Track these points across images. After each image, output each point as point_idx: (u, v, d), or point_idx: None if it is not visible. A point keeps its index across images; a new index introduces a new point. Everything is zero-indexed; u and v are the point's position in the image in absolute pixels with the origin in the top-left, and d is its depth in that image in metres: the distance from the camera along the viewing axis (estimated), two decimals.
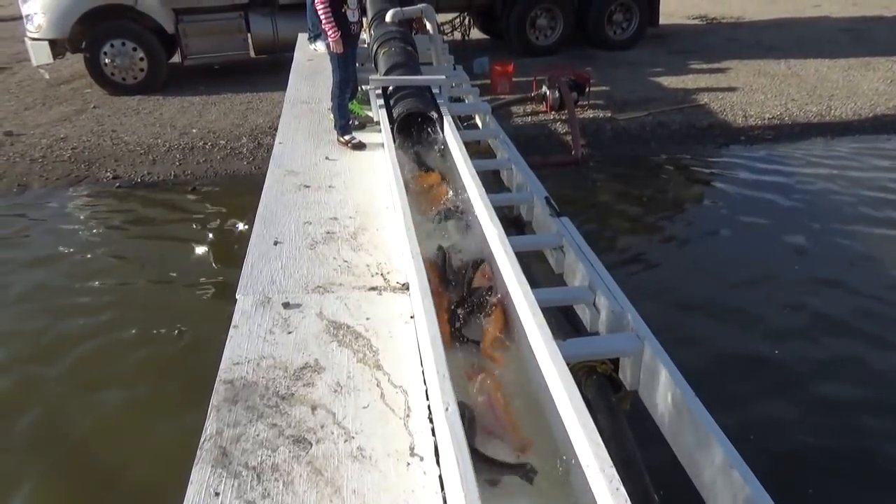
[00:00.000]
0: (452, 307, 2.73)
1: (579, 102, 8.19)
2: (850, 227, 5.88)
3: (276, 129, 4.99)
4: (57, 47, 8.71)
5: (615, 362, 2.84)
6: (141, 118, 8.33)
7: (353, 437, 2.06)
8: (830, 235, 5.76)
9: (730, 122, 8.15)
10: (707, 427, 2.23)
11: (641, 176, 7.19)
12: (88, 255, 5.57)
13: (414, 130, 4.27)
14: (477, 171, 3.58)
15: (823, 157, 7.40)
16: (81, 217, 6.33)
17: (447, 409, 1.86)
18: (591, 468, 1.72)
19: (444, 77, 5.00)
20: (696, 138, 7.88)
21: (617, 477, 1.66)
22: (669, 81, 9.38)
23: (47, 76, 9.70)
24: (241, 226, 5.70)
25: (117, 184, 6.90)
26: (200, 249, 5.61)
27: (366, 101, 5.11)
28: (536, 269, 3.72)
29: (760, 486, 2.01)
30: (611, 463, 1.71)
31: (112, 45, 8.75)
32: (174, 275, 5.24)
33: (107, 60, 8.80)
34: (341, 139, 4.40)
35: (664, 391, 2.52)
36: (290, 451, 2.00)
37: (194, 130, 7.93)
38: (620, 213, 6.31)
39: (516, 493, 2.01)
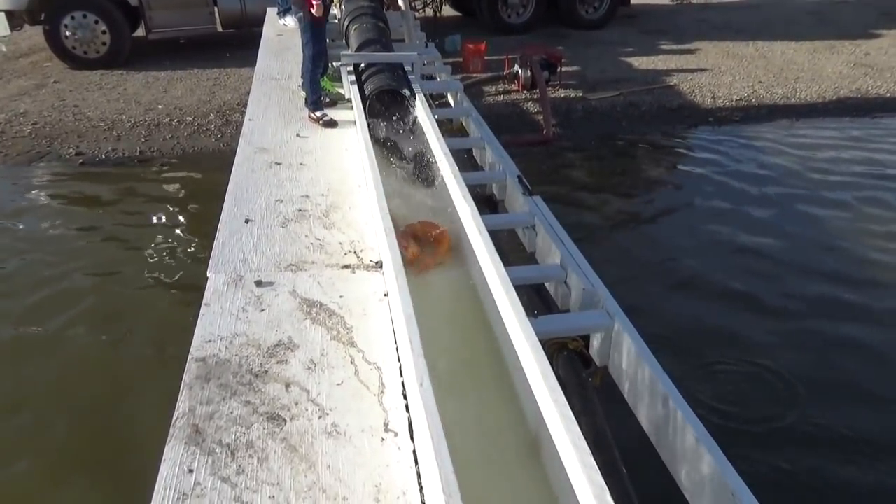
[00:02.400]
0: None
1: (551, 82, 8.20)
2: (810, 208, 6.03)
3: (244, 106, 4.90)
4: (14, 19, 8.41)
5: (586, 339, 2.89)
6: (104, 93, 8.11)
7: (328, 414, 2.07)
8: (792, 215, 5.90)
9: (698, 104, 8.25)
10: (675, 403, 2.28)
11: (612, 155, 7.26)
12: (51, 233, 5.44)
13: (386, 108, 4.23)
14: (450, 150, 3.57)
15: (788, 139, 7.55)
16: (43, 195, 6.17)
17: (421, 385, 1.87)
18: (562, 442, 1.76)
19: (415, 54, 4.96)
20: (666, 119, 7.97)
21: (588, 450, 1.69)
22: (640, 62, 9.44)
23: (4, 49, 9.38)
24: (201, 217, 5.54)
25: (81, 160, 6.73)
26: (168, 227, 5.52)
27: (337, 78, 5.04)
28: (509, 248, 3.75)
29: (726, 460, 2.06)
30: (581, 437, 1.74)
31: (73, 18, 8.48)
32: (140, 253, 5.15)
33: (67, 33, 8.53)
34: (313, 115, 4.35)
35: (633, 367, 2.57)
36: (264, 428, 2.00)
37: (160, 106, 7.75)
38: (592, 192, 6.37)
39: (488, 467, 2.05)
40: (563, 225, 3.42)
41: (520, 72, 8.22)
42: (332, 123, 4.33)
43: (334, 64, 5.08)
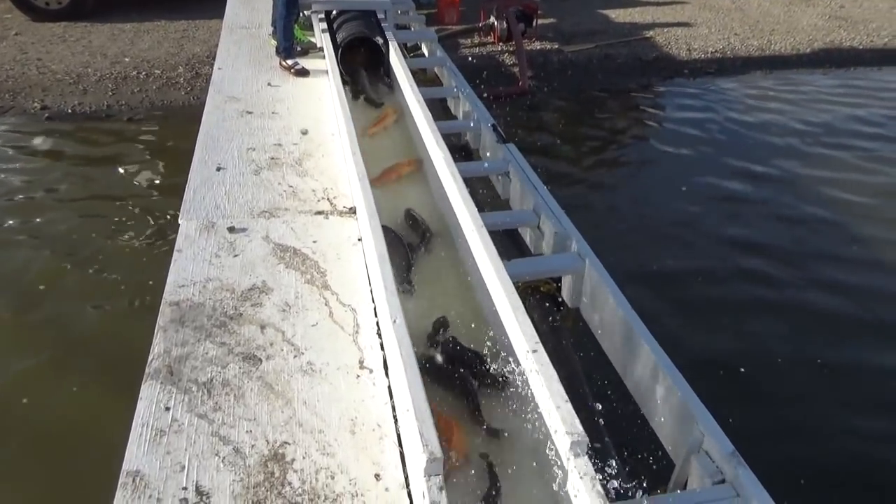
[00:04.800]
0: None
1: (527, 33, 8.11)
2: (782, 160, 6.11)
3: (214, 59, 4.79)
4: None
5: (558, 283, 2.94)
6: (68, 46, 7.84)
7: (303, 353, 2.10)
8: (764, 166, 5.98)
9: (674, 56, 8.22)
10: (642, 338, 2.34)
11: (587, 107, 7.25)
12: (17, 186, 5.33)
13: (359, 57, 4.17)
14: (424, 99, 3.55)
15: (762, 90, 7.60)
16: (9, 148, 6.01)
17: (395, 322, 1.90)
18: (535, 381, 1.80)
19: (388, 1, 4.86)
20: (642, 70, 7.94)
21: (562, 389, 1.73)
22: (617, 14, 9.36)
23: None
24: (172, 168, 5.47)
25: (46, 115, 6.54)
26: (137, 180, 5.43)
27: (308, 27, 4.94)
28: (483, 195, 3.77)
29: (691, 390, 2.13)
30: (552, 367, 1.78)
31: None
32: (109, 205, 5.07)
33: None
34: (284, 63, 4.27)
35: (604, 307, 2.62)
36: (240, 368, 2.02)
37: (127, 59, 7.53)
38: (566, 142, 6.38)
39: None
40: (537, 173, 3.44)
41: (495, 23, 8.10)
42: (303, 72, 4.26)
43: (305, 12, 4.97)
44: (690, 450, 1.98)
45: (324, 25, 4.54)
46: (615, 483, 2.12)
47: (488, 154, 3.86)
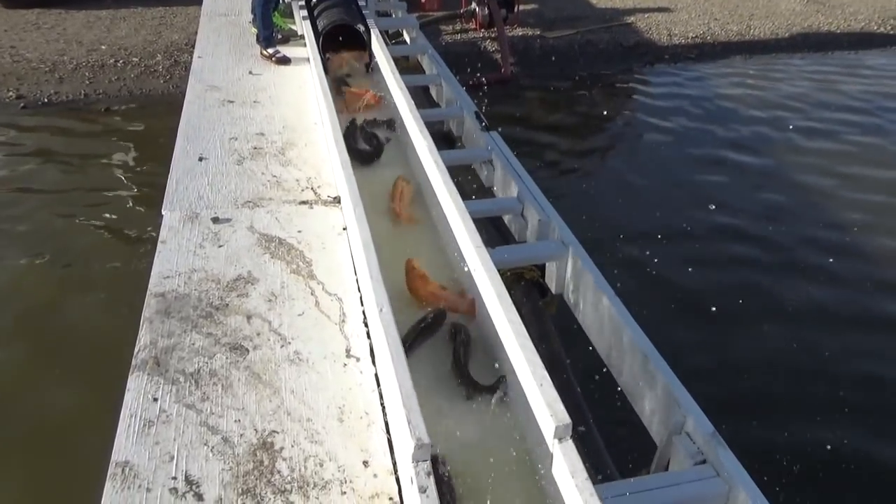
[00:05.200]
0: None
1: (508, 20, 8.10)
2: (762, 144, 6.19)
3: (193, 46, 4.74)
4: None
5: (542, 270, 2.97)
6: (42, 33, 7.71)
7: (290, 343, 2.11)
8: (744, 151, 6.06)
9: (655, 41, 8.26)
10: (625, 323, 2.38)
11: (569, 93, 7.28)
12: None
13: (340, 45, 4.15)
14: (406, 87, 3.54)
15: (742, 75, 7.67)
16: None
17: (381, 311, 1.91)
18: (520, 366, 1.82)
19: None
20: (623, 56, 7.98)
21: (546, 375, 1.75)
22: (598, 0, 9.37)
23: None
24: (153, 158, 5.39)
25: (22, 104, 6.44)
26: (117, 170, 5.39)
27: (288, 14, 4.90)
28: (467, 183, 3.78)
29: (672, 373, 2.17)
30: (536, 353, 1.81)
31: None
32: (87, 196, 5.03)
33: None
34: (265, 52, 4.24)
35: (587, 293, 2.66)
36: (227, 358, 2.03)
37: (103, 47, 7.43)
38: (548, 129, 6.42)
39: (447, 388, 2.12)
40: (520, 160, 3.45)
41: (477, 10, 8.08)
42: (285, 60, 4.23)
43: (285, 0, 4.93)
44: (672, 431, 2.02)
45: (304, 13, 4.50)
46: (599, 466, 2.18)
47: (472, 141, 3.86)
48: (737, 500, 1.79)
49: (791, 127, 6.45)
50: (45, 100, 6.55)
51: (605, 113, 6.92)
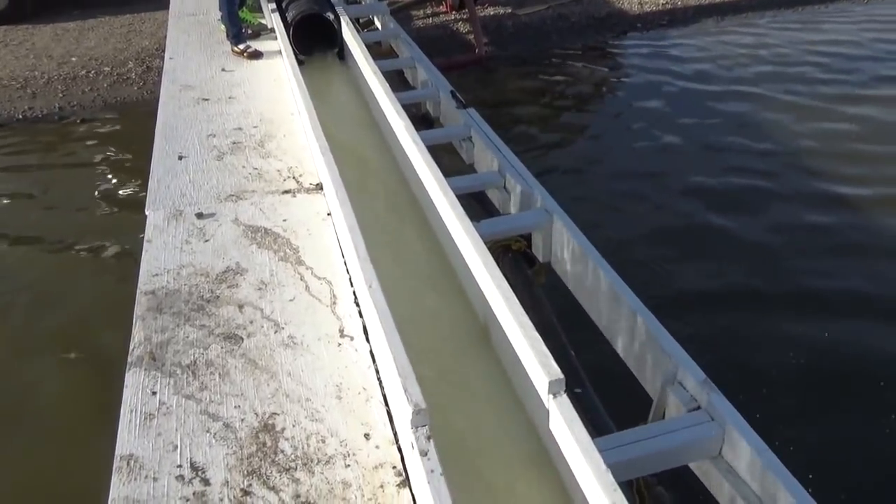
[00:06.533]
0: None
1: (479, 0, 8.08)
2: (737, 104, 6.23)
3: (164, 51, 4.71)
4: None
5: (528, 240, 2.99)
6: (10, 50, 7.64)
7: (283, 328, 2.13)
8: (722, 114, 6.09)
9: (626, 11, 8.27)
10: (613, 283, 2.41)
11: (544, 69, 7.30)
12: None
13: (311, 35, 4.14)
14: (381, 72, 3.55)
15: (715, 38, 7.70)
16: None
17: (370, 287, 1.94)
18: (514, 335, 1.85)
19: None
20: (596, 28, 7.99)
21: (537, 336, 1.78)
22: None
23: None
24: (135, 163, 5.39)
25: None
26: (99, 180, 5.36)
27: (257, 8, 4.87)
28: (448, 163, 3.78)
29: (661, 326, 2.21)
30: (534, 329, 1.82)
31: None
32: (71, 208, 5.02)
33: None
34: (236, 49, 4.22)
35: (574, 259, 2.69)
36: (222, 347, 2.05)
37: (74, 59, 7.37)
38: (525, 105, 6.45)
39: (442, 353, 2.15)
40: (499, 136, 3.47)
41: None
42: (256, 55, 4.22)
43: None
44: (665, 383, 2.06)
45: (273, 6, 4.48)
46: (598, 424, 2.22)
47: (450, 120, 3.88)
48: (731, 440, 1.83)
49: (767, 83, 6.49)
50: (20, 116, 6.49)
51: (580, 86, 6.95)
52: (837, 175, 5.09)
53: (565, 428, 1.58)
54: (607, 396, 2.40)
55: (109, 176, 5.44)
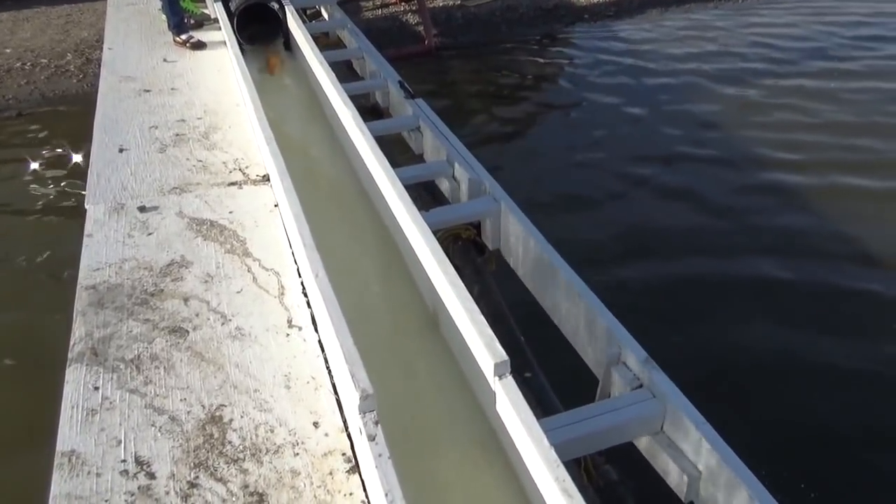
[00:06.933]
0: None
1: None
2: (685, 92, 6.39)
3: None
4: None
5: (478, 229, 3.02)
6: None
7: (231, 320, 2.11)
8: (669, 102, 6.24)
9: (574, 2, 8.38)
10: (558, 267, 2.46)
11: (493, 59, 7.35)
12: None
13: (256, 24, 4.08)
14: (327, 63, 3.52)
15: (660, 28, 7.86)
16: None
17: (317, 276, 1.93)
18: (461, 319, 1.86)
19: None
20: (544, 19, 8.07)
21: (483, 320, 1.79)
22: None
23: None
24: (75, 157, 5.27)
25: None
26: (38, 176, 5.19)
27: None
28: (398, 155, 3.79)
29: (605, 308, 2.27)
30: (480, 313, 1.84)
31: None
32: (6, 206, 4.85)
33: None
34: (178, 39, 4.13)
35: (521, 244, 2.73)
36: (167, 341, 2.02)
37: (8, 50, 7.09)
38: (475, 96, 6.49)
39: (392, 340, 2.16)
40: (449, 127, 3.48)
41: None
42: (199, 45, 4.14)
43: None
44: (610, 363, 2.11)
45: None
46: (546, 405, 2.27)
47: (399, 111, 3.87)
48: (673, 417, 1.90)
49: (709, 72, 6.67)
50: None
51: (529, 76, 7.02)
52: (774, 161, 5.28)
53: (511, 408, 1.61)
54: (556, 379, 2.46)
55: (47, 171, 5.26)
